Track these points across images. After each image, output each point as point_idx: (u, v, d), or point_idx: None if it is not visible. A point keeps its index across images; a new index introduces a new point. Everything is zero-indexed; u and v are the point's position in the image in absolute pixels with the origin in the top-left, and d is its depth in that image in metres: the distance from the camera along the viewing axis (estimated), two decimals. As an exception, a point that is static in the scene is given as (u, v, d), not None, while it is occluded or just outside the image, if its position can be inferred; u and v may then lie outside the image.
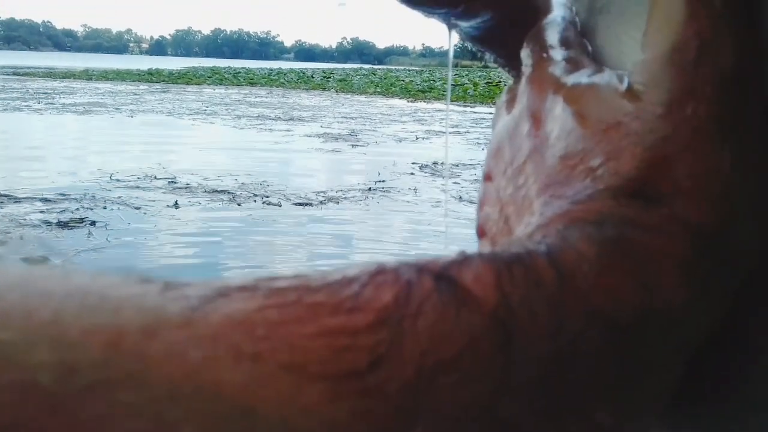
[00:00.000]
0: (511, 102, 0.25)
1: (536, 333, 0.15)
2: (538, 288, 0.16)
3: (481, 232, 0.25)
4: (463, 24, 0.27)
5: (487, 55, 0.29)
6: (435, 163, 6.74)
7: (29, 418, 0.12)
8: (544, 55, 0.24)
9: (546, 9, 0.26)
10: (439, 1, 0.25)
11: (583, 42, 0.24)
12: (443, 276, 0.15)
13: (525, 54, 0.25)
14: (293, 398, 0.13)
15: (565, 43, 0.24)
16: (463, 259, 0.16)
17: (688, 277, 0.17)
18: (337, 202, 4.95)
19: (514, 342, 0.15)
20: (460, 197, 5.20)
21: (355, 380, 0.13)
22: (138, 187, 5.20)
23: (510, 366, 0.15)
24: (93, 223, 4.10)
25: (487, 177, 0.25)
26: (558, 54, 0.23)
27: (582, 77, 0.21)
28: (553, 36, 0.24)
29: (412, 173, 6.18)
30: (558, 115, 0.21)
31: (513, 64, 0.27)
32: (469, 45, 0.29)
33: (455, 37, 0.29)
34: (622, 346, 0.16)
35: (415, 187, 5.55)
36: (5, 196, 4.70)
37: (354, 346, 0.14)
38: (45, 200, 4.64)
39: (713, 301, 0.17)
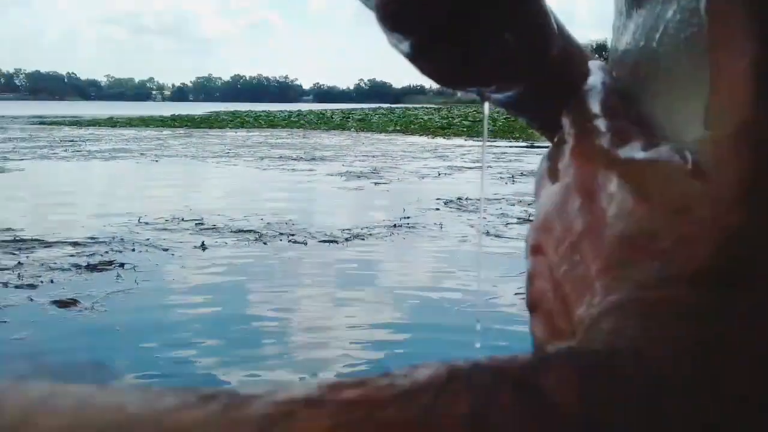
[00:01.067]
0: (554, 171, 0.24)
1: None
2: (627, 393, 0.14)
3: (534, 307, 0.24)
4: (497, 96, 0.26)
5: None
6: (459, 198, 6.73)
7: None
8: (588, 125, 0.23)
9: (584, 73, 0.25)
10: (472, 82, 0.24)
11: (628, 110, 0.23)
12: (523, 384, 0.14)
13: (567, 123, 0.24)
14: None
15: (609, 111, 0.23)
16: (542, 361, 0.15)
17: None
18: (363, 239, 4.94)
19: None
20: (487, 231, 5.17)
21: None
22: (166, 229, 5.24)
23: None
24: (122, 266, 4.13)
25: (536, 250, 0.24)
26: (602, 124, 0.22)
27: (636, 151, 0.20)
28: (595, 104, 0.23)
29: (437, 209, 6.17)
30: (614, 191, 0.20)
31: (548, 127, 0.27)
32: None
33: None
34: None
35: (441, 222, 5.53)
36: (36, 240, 4.76)
37: None
38: (75, 244, 4.69)
39: None
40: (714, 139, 0.18)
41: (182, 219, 5.64)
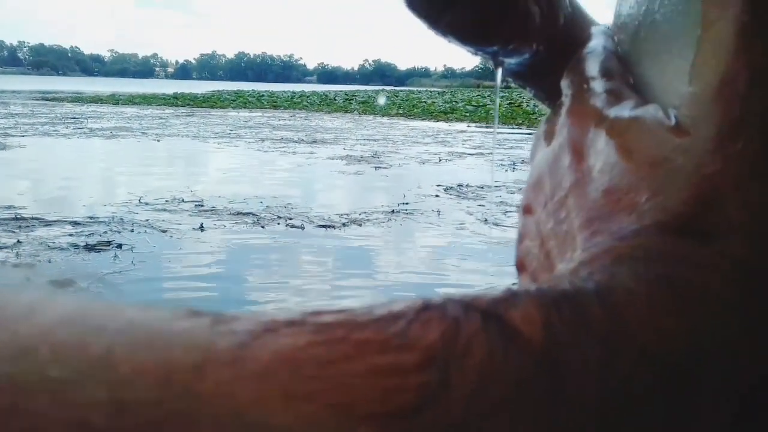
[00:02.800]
0: (550, 133, 0.25)
1: (586, 374, 0.15)
2: (588, 327, 0.15)
3: (521, 266, 0.25)
4: (510, 61, 0.26)
5: (506, 75, 0.29)
6: (460, 185, 6.74)
7: None
8: (585, 86, 0.23)
9: (586, 38, 0.26)
10: (492, 40, 0.24)
11: (625, 72, 0.23)
12: (490, 313, 0.15)
13: (565, 84, 0.24)
14: None
15: (606, 73, 0.23)
16: (510, 296, 0.16)
17: (740, 317, 0.16)
18: (360, 225, 4.96)
19: (563, 382, 0.14)
20: (486, 219, 5.18)
21: (401, 421, 0.13)
22: (165, 210, 5.26)
23: (558, 407, 0.14)
24: (119, 246, 4.15)
25: (527, 210, 0.24)
26: (599, 85, 0.23)
27: (625, 110, 0.21)
28: (593, 66, 0.24)
29: (437, 195, 6.18)
30: (601, 148, 0.20)
31: (551, 96, 0.27)
32: (490, 65, 0.28)
33: (477, 60, 0.29)
34: (672, 389, 0.15)
35: (439, 209, 5.54)
36: (36, 219, 4.78)
37: (402, 387, 0.13)
38: (74, 223, 4.71)
39: (766, 342, 0.17)
40: (695, 93, 0.18)
41: (182, 200, 5.66)
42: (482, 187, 6.61)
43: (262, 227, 4.81)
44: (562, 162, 0.22)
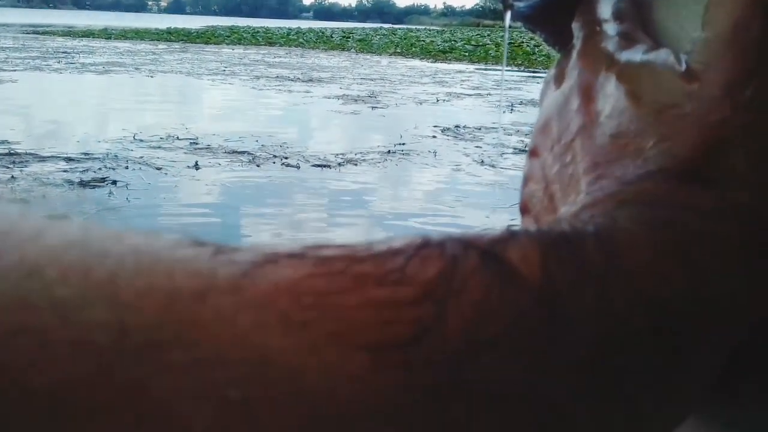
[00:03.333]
0: (560, 77, 0.24)
1: (582, 313, 0.15)
2: (585, 268, 0.15)
3: (524, 209, 0.25)
4: (520, 3, 0.26)
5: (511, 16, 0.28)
6: (457, 126, 6.69)
7: (83, 375, 0.12)
8: (597, 28, 0.23)
9: None
10: None
11: (638, 15, 0.23)
12: (489, 252, 0.15)
13: (576, 27, 0.24)
14: (339, 366, 0.13)
15: (619, 16, 0.22)
16: (510, 236, 0.16)
17: (739, 264, 0.16)
18: (356, 164, 4.95)
19: (559, 321, 0.15)
20: (482, 161, 5.17)
21: (397, 352, 0.13)
22: (160, 148, 5.23)
23: (554, 345, 0.15)
24: (114, 183, 4.15)
25: (533, 153, 0.24)
26: (611, 28, 0.22)
27: (636, 54, 0.20)
28: (606, 8, 0.23)
29: (433, 136, 6.14)
30: (610, 92, 0.20)
31: (561, 41, 0.27)
32: (491, 3, 0.27)
33: None
34: (668, 332, 0.16)
35: (436, 150, 5.52)
36: (30, 155, 4.75)
37: (398, 319, 0.14)
38: (68, 159, 4.69)
39: (763, 291, 0.17)
40: (707, 39, 0.18)
41: (177, 138, 5.61)
42: (479, 129, 6.57)
43: (258, 166, 4.80)
44: (571, 105, 0.22)
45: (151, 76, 10.66)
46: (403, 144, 5.72)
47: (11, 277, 0.13)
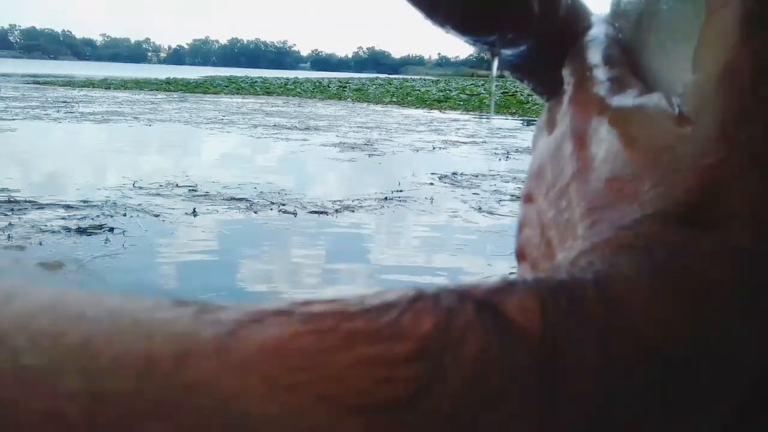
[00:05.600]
0: (551, 123, 0.24)
1: (583, 368, 0.14)
2: (586, 319, 0.15)
3: (520, 255, 0.25)
4: (508, 52, 0.26)
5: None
6: (454, 173, 6.73)
7: None
8: (587, 74, 0.23)
9: (586, 27, 0.25)
10: (490, 30, 0.24)
11: (628, 60, 0.23)
12: (485, 304, 0.15)
13: (567, 73, 0.24)
14: (330, 431, 0.12)
15: (608, 61, 0.23)
16: (507, 286, 0.15)
17: (743, 307, 0.16)
18: (353, 211, 4.96)
19: (560, 377, 0.14)
20: (480, 208, 5.19)
21: (393, 414, 0.13)
22: (158, 195, 5.24)
23: (556, 403, 0.14)
24: (111, 230, 4.14)
25: (528, 198, 0.24)
26: (602, 73, 0.22)
27: (628, 99, 0.20)
28: (595, 54, 0.23)
29: (431, 183, 6.18)
30: (603, 137, 0.20)
31: (549, 90, 0.27)
32: (485, 54, 0.28)
33: (472, 49, 0.28)
34: (674, 383, 0.15)
35: (433, 197, 5.54)
36: (29, 202, 4.75)
37: (393, 378, 0.13)
38: (67, 207, 4.69)
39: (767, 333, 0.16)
40: (698, 82, 0.18)
41: (176, 185, 5.63)
42: (476, 176, 6.61)
43: (255, 213, 4.80)
44: (564, 150, 0.22)
45: (150, 125, 10.75)
46: (401, 191, 5.75)
47: None
